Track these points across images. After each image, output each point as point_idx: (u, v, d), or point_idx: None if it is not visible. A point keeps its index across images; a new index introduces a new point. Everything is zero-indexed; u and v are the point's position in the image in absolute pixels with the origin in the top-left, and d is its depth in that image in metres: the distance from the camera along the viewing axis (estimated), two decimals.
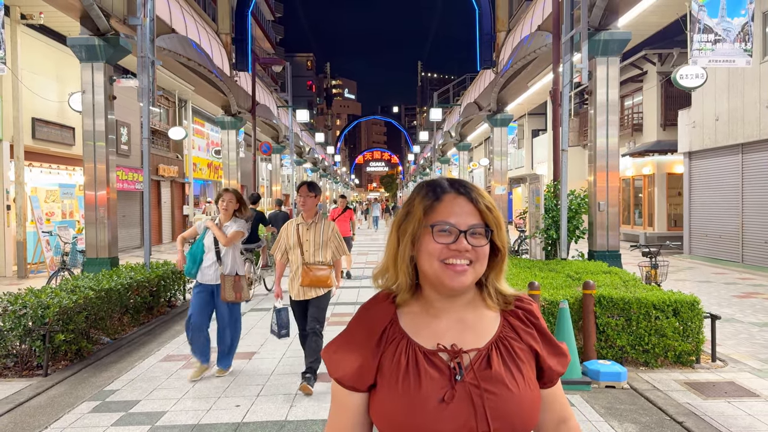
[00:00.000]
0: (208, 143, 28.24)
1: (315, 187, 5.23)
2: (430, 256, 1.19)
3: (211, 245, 5.56)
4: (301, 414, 4.56)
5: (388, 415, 1.18)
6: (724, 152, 15.48)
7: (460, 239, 1.18)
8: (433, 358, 1.20)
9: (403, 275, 1.24)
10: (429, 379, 1.18)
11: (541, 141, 29.65)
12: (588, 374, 5.20)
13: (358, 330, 1.26)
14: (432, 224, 1.20)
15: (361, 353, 1.22)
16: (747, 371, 5.64)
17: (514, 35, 16.66)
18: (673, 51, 19.04)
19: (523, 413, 1.19)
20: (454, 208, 1.21)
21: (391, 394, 1.18)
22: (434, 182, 1.27)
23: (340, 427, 1.26)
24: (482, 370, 1.20)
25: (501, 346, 1.24)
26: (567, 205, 9.01)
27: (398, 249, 1.25)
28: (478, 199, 1.23)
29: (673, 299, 5.63)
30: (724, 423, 4.34)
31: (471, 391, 1.17)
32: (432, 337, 1.23)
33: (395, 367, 1.20)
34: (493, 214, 1.23)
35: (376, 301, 1.29)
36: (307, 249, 5.08)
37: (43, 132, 14.45)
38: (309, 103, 74.22)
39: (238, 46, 18.35)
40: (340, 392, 1.25)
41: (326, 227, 5.19)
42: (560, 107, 9.29)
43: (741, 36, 9.15)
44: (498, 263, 1.27)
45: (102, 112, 9.77)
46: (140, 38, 9.31)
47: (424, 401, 1.16)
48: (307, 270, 5.04)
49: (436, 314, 1.24)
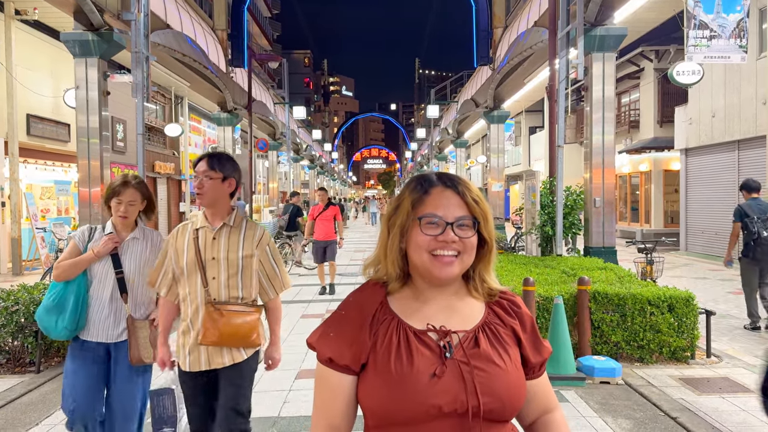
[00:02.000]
0: (204, 140, 28.16)
1: (223, 161, 2.88)
2: (418, 247, 1.24)
3: (107, 272, 3.15)
4: (293, 410, 4.54)
5: (379, 393, 1.21)
6: (720, 149, 15.49)
7: (447, 231, 1.23)
8: (423, 337, 1.25)
9: (393, 266, 1.29)
10: (420, 356, 1.22)
11: (538, 138, 29.66)
12: (582, 370, 5.19)
13: (350, 311, 1.30)
14: (420, 216, 1.25)
15: (355, 333, 1.26)
16: (741, 367, 5.63)
17: (511, 31, 16.64)
18: (670, 48, 19.04)
19: (510, 390, 1.24)
20: (441, 201, 1.25)
21: (384, 372, 1.22)
22: (423, 176, 1.31)
23: (330, 411, 1.28)
24: (471, 348, 1.25)
25: (487, 330, 1.29)
26: (563, 201, 9.00)
27: (388, 241, 1.29)
28: (465, 192, 1.26)
29: (668, 295, 5.62)
30: (718, 418, 4.33)
31: (461, 367, 1.22)
32: (422, 319, 1.27)
33: (387, 345, 1.24)
34: (479, 207, 1.26)
35: (367, 285, 1.34)
36: (213, 275, 2.83)
37: (38, 128, 14.38)
38: (306, 100, 74.11)
39: (234, 42, 18.30)
40: (331, 375, 1.27)
41: (250, 235, 2.90)
42: (556, 104, 9.28)
43: (736, 32, 9.14)
44: (486, 255, 1.31)
45: (96, 109, 9.73)
46: (134, 33, 9.27)
47: (416, 377, 1.20)
48: (214, 314, 2.81)
49: (425, 301, 1.29)
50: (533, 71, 18.01)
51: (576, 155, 22.05)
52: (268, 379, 5.35)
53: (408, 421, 1.19)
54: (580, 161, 12.97)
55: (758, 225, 7.01)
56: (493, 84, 19.02)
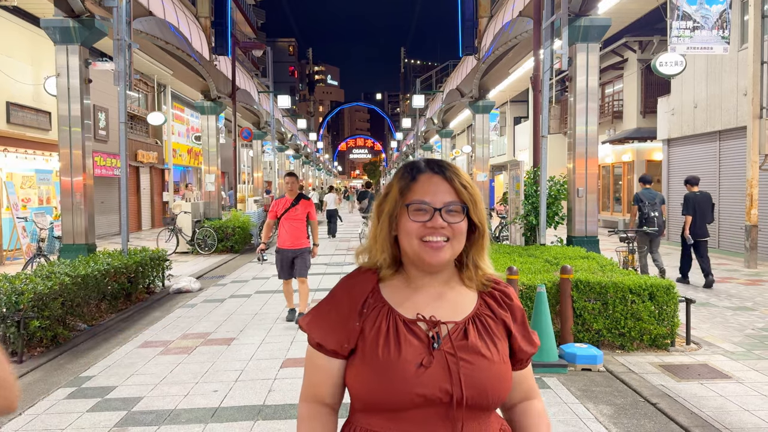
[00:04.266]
0: (188, 129, 27.91)
1: None
2: (408, 234, 1.24)
3: None
4: (279, 399, 4.56)
5: (367, 379, 1.23)
6: (702, 139, 15.66)
7: (435, 217, 1.23)
8: (412, 327, 1.26)
9: (384, 253, 1.29)
10: (408, 345, 1.23)
11: (523, 128, 29.75)
12: (564, 357, 5.26)
13: (341, 296, 1.31)
14: (408, 203, 1.25)
15: (345, 318, 1.27)
16: (720, 354, 5.74)
17: (496, 21, 16.63)
18: (654, 38, 19.16)
19: (495, 383, 1.24)
20: (429, 187, 1.25)
21: (371, 358, 1.23)
22: (412, 163, 1.31)
23: (317, 391, 1.31)
24: (459, 340, 1.25)
25: (477, 322, 1.29)
26: (546, 191, 9.06)
27: (378, 228, 1.30)
28: (453, 177, 1.26)
29: (649, 283, 5.70)
30: (697, 404, 4.42)
31: (448, 359, 1.22)
32: (412, 308, 1.28)
33: (376, 332, 1.25)
34: (468, 192, 1.26)
35: (359, 272, 1.34)
36: None
37: (19, 116, 14.16)
38: (291, 89, 73.60)
39: (218, 30, 18.09)
40: (319, 358, 1.30)
41: None
42: (540, 94, 9.31)
43: (719, 23, 9.23)
44: (477, 240, 1.31)
45: (77, 97, 9.59)
46: (116, 20, 9.13)
47: (403, 365, 1.21)
48: None
49: (416, 289, 1.30)
50: (518, 61, 18.03)
51: (560, 145, 22.18)
52: (254, 369, 5.37)
53: (393, 407, 1.21)
54: (563, 151, 13.05)
55: (648, 208, 9.48)
56: (478, 74, 19.02)
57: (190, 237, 14.77)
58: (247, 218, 16.44)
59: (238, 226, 15.15)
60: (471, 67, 20.14)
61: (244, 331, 6.80)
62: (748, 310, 7.76)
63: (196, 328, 6.96)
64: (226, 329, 6.87)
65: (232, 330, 6.85)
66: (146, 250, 9.07)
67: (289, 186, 7.22)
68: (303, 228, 7.18)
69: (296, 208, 7.09)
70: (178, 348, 6.11)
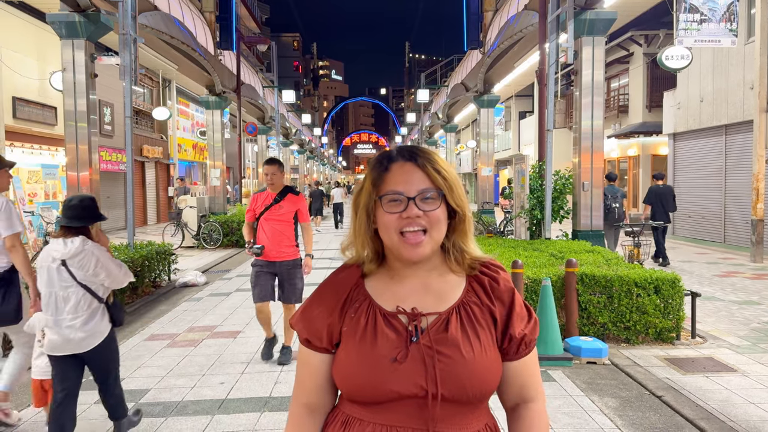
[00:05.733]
0: (192, 124, 27.95)
1: None
2: (386, 227, 1.21)
3: None
4: (285, 391, 4.59)
5: (346, 373, 1.23)
6: (708, 134, 15.60)
7: (410, 206, 1.19)
8: (392, 320, 1.23)
9: (364, 247, 1.27)
10: (384, 339, 1.21)
11: (528, 123, 29.69)
12: (570, 350, 5.26)
13: (326, 292, 1.30)
14: (381, 195, 1.21)
15: (329, 314, 1.26)
16: (726, 347, 5.74)
17: (501, 15, 16.56)
18: (660, 32, 19.06)
19: (474, 378, 1.19)
20: (401, 176, 1.21)
21: (349, 352, 1.22)
22: (384, 153, 1.27)
23: (307, 388, 1.30)
24: (438, 333, 1.21)
25: (462, 311, 1.25)
26: (552, 185, 9.05)
27: (356, 222, 1.27)
28: (425, 163, 1.21)
29: (655, 277, 5.69)
30: (702, 397, 4.42)
31: (424, 352, 1.19)
32: (394, 300, 1.25)
33: (354, 326, 1.23)
34: (442, 176, 1.21)
35: (345, 267, 1.32)
36: None
37: (25, 111, 14.22)
38: (295, 84, 73.51)
39: (223, 24, 18.08)
40: (308, 354, 1.30)
41: None
42: (546, 88, 9.29)
43: (727, 16, 9.18)
44: (459, 224, 1.26)
45: (83, 92, 9.61)
46: (122, 15, 9.14)
47: (377, 360, 1.19)
48: None
49: (400, 280, 1.27)
50: (523, 55, 17.98)
51: (565, 140, 22.12)
52: (260, 361, 5.39)
53: (370, 400, 1.21)
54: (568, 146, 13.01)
55: (610, 201, 10.68)
56: (483, 68, 18.97)
57: (195, 231, 14.82)
58: None
59: (244, 220, 15.18)
60: (476, 61, 20.08)
61: (250, 324, 6.83)
62: (754, 304, 7.75)
63: (203, 321, 7.00)
64: (232, 322, 6.90)
65: (238, 323, 6.88)
66: (152, 245, 9.11)
67: (270, 177, 5.32)
68: (289, 232, 5.29)
69: (280, 205, 5.28)
70: (185, 341, 6.15)
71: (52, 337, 3.36)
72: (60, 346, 3.36)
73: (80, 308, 3.37)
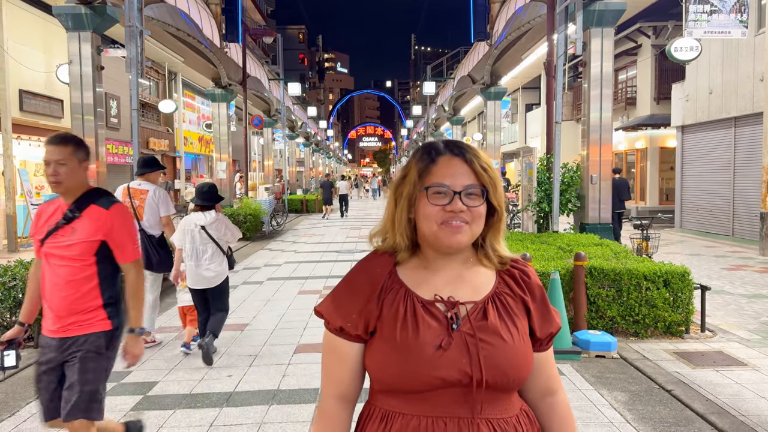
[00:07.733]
0: (198, 117, 27.96)
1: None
2: (427, 218, 1.22)
3: None
4: (293, 383, 4.58)
5: (386, 361, 1.22)
6: (716, 126, 15.47)
7: (455, 200, 1.21)
8: (430, 308, 1.24)
9: (401, 237, 1.27)
10: (427, 327, 1.22)
11: (534, 115, 29.54)
12: (578, 344, 5.24)
13: (359, 279, 1.29)
14: (427, 186, 1.22)
15: (364, 301, 1.26)
16: (735, 341, 5.70)
17: (509, 6, 16.44)
18: (668, 24, 18.90)
19: (516, 363, 1.23)
20: (449, 170, 1.23)
21: (389, 341, 1.22)
22: (430, 144, 1.28)
23: (338, 378, 1.30)
24: (478, 320, 1.23)
25: (497, 300, 1.27)
26: (560, 178, 9.00)
27: (396, 211, 1.27)
28: (473, 159, 1.24)
29: (664, 270, 5.65)
30: (712, 391, 4.39)
31: (467, 339, 1.21)
32: (430, 289, 1.26)
33: (394, 315, 1.23)
34: (488, 174, 1.24)
35: (376, 254, 1.32)
36: None
37: (31, 104, 14.24)
38: (301, 77, 73.40)
39: (228, 16, 18.01)
40: (340, 344, 1.28)
41: None
42: (554, 79, 9.22)
43: (737, 7, 9.08)
44: (495, 223, 1.29)
45: (90, 84, 9.61)
46: (128, 7, 9.13)
47: (421, 348, 1.20)
48: None
49: (434, 270, 1.28)
50: (531, 47, 17.85)
51: (573, 132, 22.02)
52: (268, 354, 5.40)
53: (411, 389, 1.20)
54: (576, 138, 12.94)
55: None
56: (490, 60, 18.85)
57: None
58: (258, 206, 16.47)
59: (250, 213, 15.19)
60: (483, 53, 19.96)
61: (257, 317, 6.83)
62: (763, 297, 7.70)
63: None
64: (238, 315, 6.90)
65: (245, 316, 6.89)
66: None
67: (53, 169, 2.71)
68: (86, 282, 2.74)
69: (72, 227, 2.74)
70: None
71: (194, 276, 5.05)
72: (199, 281, 5.08)
73: (213, 257, 5.09)
